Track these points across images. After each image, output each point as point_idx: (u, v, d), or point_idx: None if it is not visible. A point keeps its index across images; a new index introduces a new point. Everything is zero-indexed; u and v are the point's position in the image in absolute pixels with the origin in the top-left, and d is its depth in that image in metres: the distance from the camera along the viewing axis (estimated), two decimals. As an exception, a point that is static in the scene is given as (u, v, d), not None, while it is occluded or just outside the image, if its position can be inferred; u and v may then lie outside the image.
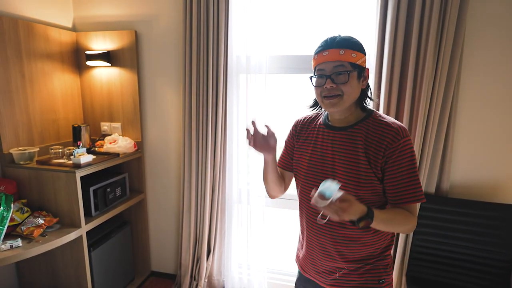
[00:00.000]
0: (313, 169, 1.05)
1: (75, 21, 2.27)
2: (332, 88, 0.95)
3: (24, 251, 1.51)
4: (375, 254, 1.04)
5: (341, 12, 1.90)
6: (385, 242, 1.05)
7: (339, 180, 0.97)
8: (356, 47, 0.96)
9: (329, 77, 0.95)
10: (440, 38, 1.61)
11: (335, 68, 0.94)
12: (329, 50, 0.95)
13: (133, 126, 2.26)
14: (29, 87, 1.92)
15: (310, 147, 1.08)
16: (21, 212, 1.69)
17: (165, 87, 2.20)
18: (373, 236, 1.02)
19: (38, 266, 1.92)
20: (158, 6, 2.10)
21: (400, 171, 0.93)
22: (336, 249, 1.03)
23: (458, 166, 1.83)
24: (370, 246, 1.02)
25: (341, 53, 0.94)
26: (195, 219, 2.17)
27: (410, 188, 0.94)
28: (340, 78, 0.94)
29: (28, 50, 1.90)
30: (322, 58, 0.96)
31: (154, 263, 2.49)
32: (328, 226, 1.02)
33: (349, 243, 1.01)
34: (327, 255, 1.06)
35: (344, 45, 0.94)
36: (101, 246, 1.99)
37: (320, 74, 0.98)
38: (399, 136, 0.93)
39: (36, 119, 1.98)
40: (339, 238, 1.02)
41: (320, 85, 0.98)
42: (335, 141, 1.02)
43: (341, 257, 1.03)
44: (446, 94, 1.67)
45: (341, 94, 0.95)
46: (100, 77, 2.24)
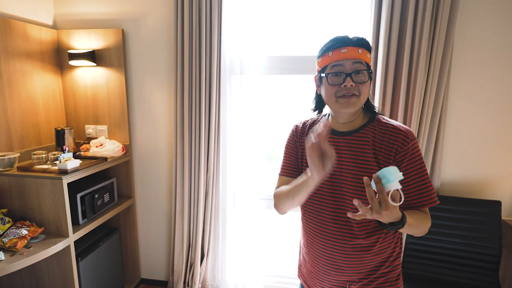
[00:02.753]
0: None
1: (56, 18, 2.14)
2: (351, 87, 0.89)
3: (7, 265, 1.40)
4: (386, 264, 0.99)
5: (335, 13, 1.91)
6: (395, 249, 1.01)
7: (349, 188, 0.93)
8: (370, 48, 0.94)
9: (350, 75, 0.89)
10: (432, 38, 1.65)
11: (355, 65, 0.89)
12: (347, 47, 0.90)
13: (121, 129, 2.17)
14: (7, 88, 1.79)
15: None
16: (2, 223, 1.57)
17: (154, 88, 2.12)
18: (383, 244, 0.98)
19: (20, 280, 1.79)
20: (147, 4, 2.02)
21: (413, 174, 0.91)
22: (346, 262, 0.97)
23: (448, 164, 1.88)
24: (380, 254, 0.98)
25: (360, 52, 0.90)
26: (188, 223, 2.11)
27: (425, 191, 0.91)
28: (359, 77, 0.90)
29: (6, 48, 1.77)
30: (340, 55, 0.90)
31: (144, 270, 2.41)
32: (338, 237, 0.96)
33: (360, 254, 0.96)
34: (336, 269, 0.99)
35: (362, 45, 0.91)
36: (89, 256, 1.88)
37: (337, 72, 0.91)
38: (408, 139, 0.91)
39: (16, 123, 1.85)
40: (350, 250, 0.96)
41: (337, 84, 0.91)
42: (341, 147, 0.96)
43: (352, 269, 0.98)
44: (438, 94, 1.72)
45: (358, 94, 0.90)
46: (84, 77, 2.13)
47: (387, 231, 0.83)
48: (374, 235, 0.95)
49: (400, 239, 1.04)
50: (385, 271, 0.99)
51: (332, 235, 0.97)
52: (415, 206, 0.93)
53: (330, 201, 0.97)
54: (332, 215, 0.97)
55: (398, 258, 1.02)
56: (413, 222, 0.87)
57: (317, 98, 1.07)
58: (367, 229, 0.94)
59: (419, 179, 0.91)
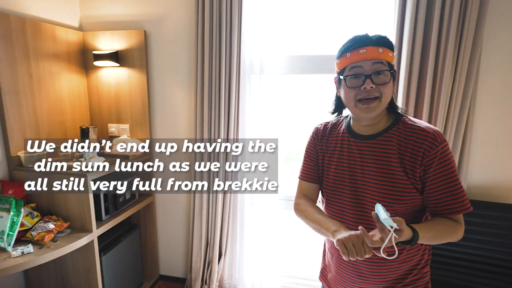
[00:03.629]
0: (341, 184, 0.95)
1: (81, 20, 2.22)
2: (371, 89, 0.85)
3: (36, 258, 1.46)
4: (414, 272, 0.95)
5: (357, 10, 1.87)
6: (423, 257, 0.97)
7: (373, 195, 0.89)
8: (392, 47, 0.89)
9: (369, 76, 0.85)
10: (460, 38, 1.58)
11: (375, 66, 0.85)
12: (366, 47, 0.85)
13: (142, 128, 2.22)
14: (37, 88, 1.87)
15: (334, 159, 0.98)
16: (31, 217, 1.64)
17: (175, 88, 2.16)
18: (410, 252, 0.94)
19: (47, 272, 1.87)
20: (168, 5, 2.06)
21: (443, 179, 0.85)
22: (370, 269, 0.94)
23: (475, 167, 1.80)
24: (407, 263, 0.94)
25: (380, 51, 0.85)
26: (206, 221, 2.13)
27: (456, 198, 0.85)
28: (380, 78, 0.85)
29: (36, 50, 1.85)
30: (359, 56, 0.85)
31: (163, 267, 2.45)
32: None
33: (386, 261, 0.91)
34: (362, 276, 0.96)
35: (383, 43, 0.86)
36: (111, 251, 1.94)
37: (356, 73, 0.86)
38: (437, 141, 0.84)
39: (44, 121, 1.92)
40: (375, 257, 0.90)
41: (356, 86, 0.87)
42: (364, 152, 0.92)
43: (377, 277, 0.95)
44: (465, 95, 1.65)
45: (379, 96, 0.86)
46: (108, 77, 2.20)
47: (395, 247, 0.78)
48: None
49: (429, 245, 0.99)
50: (413, 279, 0.95)
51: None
52: (444, 213, 0.88)
53: (352, 208, 0.94)
54: (355, 223, 0.93)
55: (426, 266, 0.98)
56: (433, 236, 0.83)
57: (337, 100, 1.02)
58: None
59: (449, 185, 0.85)
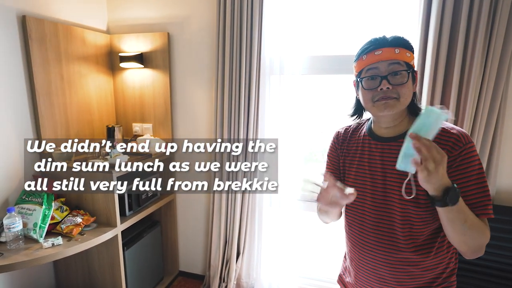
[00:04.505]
0: (361, 187, 0.94)
1: (109, 24, 2.31)
2: (388, 90, 0.84)
3: (65, 249, 1.54)
4: (439, 281, 0.91)
5: (379, 10, 1.84)
6: (449, 265, 0.92)
7: (394, 198, 0.87)
8: (409, 47, 0.88)
9: (385, 77, 0.84)
10: (490, 35, 1.52)
11: (391, 66, 0.84)
12: (382, 49, 0.85)
13: (164, 127, 2.28)
14: (67, 89, 1.97)
15: (355, 162, 0.97)
16: (61, 211, 1.73)
17: (196, 88, 2.20)
18: (434, 260, 0.89)
19: (74, 264, 1.96)
20: (191, 8, 2.11)
21: (466, 181, 0.82)
22: (392, 276, 0.91)
23: (505, 171, 1.72)
24: (431, 271, 0.90)
25: (397, 52, 0.84)
26: (225, 220, 2.16)
27: (479, 200, 0.81)
28: (397, 78, 0.84)
29: (67, 52, 1.95)
30: (374, 58, 0.85)
31: (183, 263, 2.51)
32: (383, 248, 0.90)
33: (408, 268, 0.89)
34: (383, 282, 0.93)
35: (399, 44, 0.86)
36: (134, 246, 2.01)
37: (372, 75, 0.86)
38: (461, 142, 0.82)
39: (73, 120, 2.03)
40: (396, 263, 0.90)
41: (373, 88, 0.86)
42: (385, 155, 0.90)
43: (398, 283, 0.91)
44: (495, 95, 1.58)
45: (397, 97, 0.84)
46: (133, 78, 2.28)
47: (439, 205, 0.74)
48: (424, 249, 0.88)
49: (455, 253, 0.95)
50: (439, 287, 0.92)
51: (374, 247, 0.92)
52: None
53: (373, 212, 0.92)
54: (376, 226, 0.92)
55: (453, 275, 0.94)
56: (468, 212, 0.77)
57: (356, 103, 1.02)
58: (415, 243, 0.87)
59: (472, 187, 0.82)
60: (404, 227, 0.87)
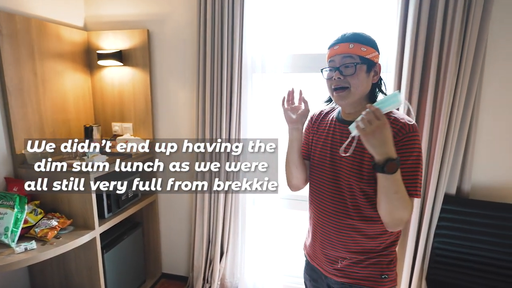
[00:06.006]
0: (322, 161, 1.09)
1: (86, 20, 2.24)
2: (339, 79, 0.99)
3: (39, 254, 1.48)
4: (379, 249, 1.05)
5: (358, 9, 1.86)
6: (390, 237, 1.05)
7: (346, 173, 1.01)
8: (365, 42, 0.99)
9: (338, 69, 0.99)
10: (464, 33, 1.56)
11: (344, 59, 0.98)
12: (339, 44, 1.00)
13: (145, 126, 2.23)
14: (41, 87, 1.89)
15: (321, 140, 1.12)
16: (35, 214, 1.66)
17: (178, 87, 2.17)
18: (377, 229, 1.02)
19: (50, 269, 1.89)
20: (171, 5, 2.07)
21: (402, 164, 0.92)
22: (339, 239, 1.06)
23: (480, 166, 1.78)
24: (374, 239, 1.03)
25: (351, 46, 0.98)
26: (208, 220, 2.14)
27: (410, 182, 0.94)
28: (348, 70, 0.98)
29: (40, 49, 1.87)
30: (333, 52, 1.01)
31: (165, 265, 2.46)
32: (335, 214, 1.05)
33: (352, 234, 1.04)
34: (330, 244, 1.08)
35: (354, 39, 0.98)
36: (114, 248, 1.95)
37: (330, 67, 1.02)
38: (404, 130, 0.94)
39: (48, 119, 1.95)
40: (343, 228, 1.04)
41: (329, 78, 1.03)
42: (344, 135, 1.04)
43: (343, 247, 1.06)
44: (469, 92, 1.63)
45: (349, 86, 0.98)
46: (112, 76, 2.22)
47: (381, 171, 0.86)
48: (368, 219, 1.01)
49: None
50: (378, 254, 1.05)
51: (330, 213, 1.07)
52: None
53: (330, 180, 1.07)
54: (330, 194, 1.06)
55: (393, 246, 1.07)
56: (400, 187, 0.89)
57: None
58: (361, 213, 1.01)
59: (407, 169, 0.94)
60: (352, 198, 1.02)
